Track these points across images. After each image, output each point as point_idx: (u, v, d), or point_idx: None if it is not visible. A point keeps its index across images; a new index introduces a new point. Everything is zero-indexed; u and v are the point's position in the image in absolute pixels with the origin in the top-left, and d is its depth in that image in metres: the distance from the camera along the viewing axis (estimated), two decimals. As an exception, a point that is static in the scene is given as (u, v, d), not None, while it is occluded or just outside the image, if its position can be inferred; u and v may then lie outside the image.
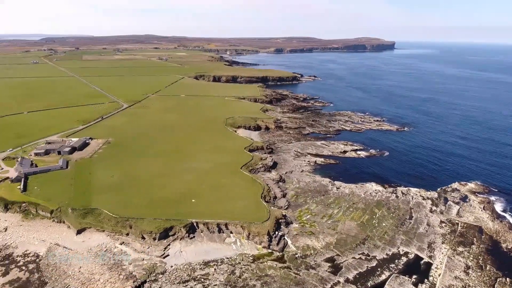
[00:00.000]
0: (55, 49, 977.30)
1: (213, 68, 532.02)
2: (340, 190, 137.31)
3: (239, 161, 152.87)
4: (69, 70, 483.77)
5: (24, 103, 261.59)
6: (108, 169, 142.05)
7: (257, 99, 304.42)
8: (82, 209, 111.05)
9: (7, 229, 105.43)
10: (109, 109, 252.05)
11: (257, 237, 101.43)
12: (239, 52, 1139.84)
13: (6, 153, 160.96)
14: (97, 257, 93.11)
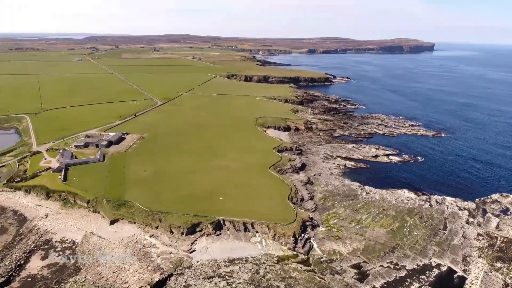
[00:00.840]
0: (97, 47, 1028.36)
1: (245, 67, 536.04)
2: (370, 195, 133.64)
3: (267, 161, 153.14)
4: (109, 67, 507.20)
5: (68, 98, 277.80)
6: (141, 163, 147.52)
7: (288, 100, 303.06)
8: (116, 200, 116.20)
9: (47, 215, 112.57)
10: (144, 105, 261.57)
11: (282, 238, 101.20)
12: (272, 52, 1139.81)
13: (49, 144, 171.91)
14: (128, 247, 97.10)
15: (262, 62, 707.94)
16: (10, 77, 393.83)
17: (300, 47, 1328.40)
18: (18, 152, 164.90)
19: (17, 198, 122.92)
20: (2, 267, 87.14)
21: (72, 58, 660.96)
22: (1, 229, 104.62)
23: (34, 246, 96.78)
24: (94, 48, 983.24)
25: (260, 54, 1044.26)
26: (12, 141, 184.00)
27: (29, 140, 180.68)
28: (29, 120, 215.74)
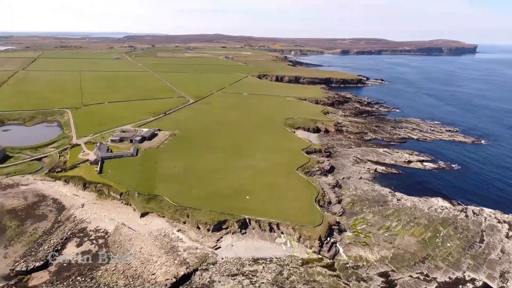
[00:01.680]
0: (134, 46, 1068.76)
1: (276, 68, 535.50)
2: (401, 202, 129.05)
3: (295, 162, 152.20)
4: (145, 65, 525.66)
5: (106, 94, 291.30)
6: (172, 159, 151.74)
7: (319, 101, 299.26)
8: (147, 194, 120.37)
9: (84, 205, 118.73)
10: (176, 103, 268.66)
11: (308, 241, 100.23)
12: (304, 53, 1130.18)
13: (88, 137, 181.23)
14: (156, 240, 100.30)
15: (294, 62, 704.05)
16: (56, 73, 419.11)
17: (333, 47, 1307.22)
18: (60, 144, 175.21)
19: (57, 187, 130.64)
20: (41, 251, 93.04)
21: (111, 56, 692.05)
22: (41, 215, 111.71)
23: (70, 233, 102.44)
24: (132, 47, 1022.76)
25: (292, 54, 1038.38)
26: (55, 133, 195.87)
27: (70, 133, 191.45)
28: (71, 114, 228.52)
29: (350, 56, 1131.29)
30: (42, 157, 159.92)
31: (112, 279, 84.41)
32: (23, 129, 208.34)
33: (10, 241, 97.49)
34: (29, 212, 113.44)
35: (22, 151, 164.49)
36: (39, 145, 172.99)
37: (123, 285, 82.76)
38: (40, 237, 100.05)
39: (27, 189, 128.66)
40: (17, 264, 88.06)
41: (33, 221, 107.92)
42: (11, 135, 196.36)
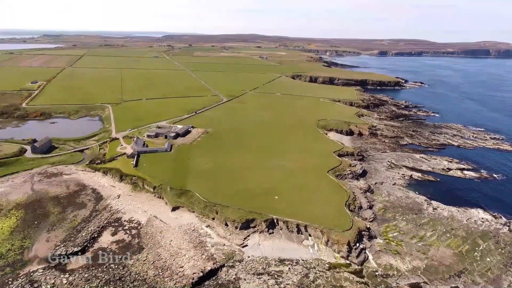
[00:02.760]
0: (172, 45, 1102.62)
1: (310, 68, 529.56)
2: (437, 211, 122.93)
3: (326, 165, 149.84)
4: (182, 64, 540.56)
5: (144, 91, 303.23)
6: (204, 156, 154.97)
7: (353, 103, 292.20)
8: (178, 189, 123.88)
9: (119, 196, 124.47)
10: (210, 101, 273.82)
11: (336, 245, 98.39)
12: (339, 54, 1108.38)
13: (126, 132, 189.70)
14: (185, 234, 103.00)
15: (329, 63, 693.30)
16: (99, 70, 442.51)
17: (370, 48, 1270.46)
18: (100, 137, 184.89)
19: (96, 178, 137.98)
20: (79, 238, 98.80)
21: (151, 54, 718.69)
22: (81, 204, 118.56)
23: (106, 222, 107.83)
24: (170, 46, 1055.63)
25: (327, 55, 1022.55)
26: (96, 127, 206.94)
27: (110, 127, 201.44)
28: (111, 109, 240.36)
29: (388, 57, 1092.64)
30: (84, 149, 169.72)
31: (143, 269, 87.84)
32: (68, 122, 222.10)
33: (52, 226, 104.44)
34: (70, 200, 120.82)
35: (66, 143, 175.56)
36: (82, 138, 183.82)
37: (152, 275, 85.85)
38: (79, 224, 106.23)
39: (69, 178, 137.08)
40: (57, 248, 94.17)
41: (74, 209, 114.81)
42: (57, 127, 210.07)
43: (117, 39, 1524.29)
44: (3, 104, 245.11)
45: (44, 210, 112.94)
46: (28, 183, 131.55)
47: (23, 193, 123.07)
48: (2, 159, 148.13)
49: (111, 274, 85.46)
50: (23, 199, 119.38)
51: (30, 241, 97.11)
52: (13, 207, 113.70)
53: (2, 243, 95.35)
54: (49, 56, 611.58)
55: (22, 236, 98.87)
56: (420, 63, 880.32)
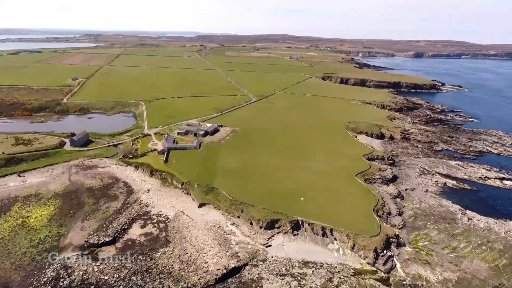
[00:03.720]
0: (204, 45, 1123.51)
1: (341, 69, 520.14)
2: (473, 222, 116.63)
3: (355, 168, 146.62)
4: (213, 64, 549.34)
5: (176, 90, 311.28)
6: (231, 155, 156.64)
7: (385, 106, 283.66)
8: (206, 186, 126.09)
9: (149, 190, 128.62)
10: (239, 101, 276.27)
11: (362, 251, 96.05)
12: (372, 55, 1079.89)
13: (157, 129, 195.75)
14: (211, 231, 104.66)
15: (361, 64, 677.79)
16: (135, 68, 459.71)
17: (405, 50, 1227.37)
18: (133, 133, 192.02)
19: (128, 172, 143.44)
20: (111, 228, 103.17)
21: (183, 54, 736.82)
22: (113, 196, 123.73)
23: (136, 215, 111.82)
24: (202, 46, 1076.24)
25: (359, 56, 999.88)
26: (130, 123, 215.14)
27: (142, 123, 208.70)
28: (144, 106, 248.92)
29: (425, 59, 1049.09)
30: (118, 143, 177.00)
31: (169, 262, 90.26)
32: (104, 118, 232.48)
33: (86, 216, 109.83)
34: (103, 192, 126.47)
35: (102, 137, 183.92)
36: (116, 133, 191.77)
37: (178, 269, 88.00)
38: (111, 215, 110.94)
39: (104, 171, 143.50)
40: (90, 237, 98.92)
41: (106, 200, 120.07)
42: (94, 122, 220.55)
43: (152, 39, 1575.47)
44: (46, 99, 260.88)
45: (79, 200, 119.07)
46: (66, 174, 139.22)
47: (61, 183, 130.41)
48: (44, 150, 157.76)
49: (138, 265, 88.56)
50: (61, 189, 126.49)
51: (66, 229, 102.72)
52: (52, 196, 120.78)
53: (41, 229, 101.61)
54: (89, 54, 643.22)
55: (59, 224, 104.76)
56: (459, 65, 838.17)
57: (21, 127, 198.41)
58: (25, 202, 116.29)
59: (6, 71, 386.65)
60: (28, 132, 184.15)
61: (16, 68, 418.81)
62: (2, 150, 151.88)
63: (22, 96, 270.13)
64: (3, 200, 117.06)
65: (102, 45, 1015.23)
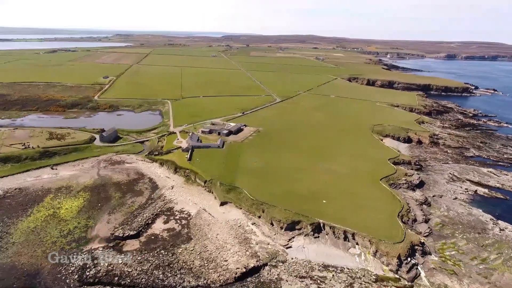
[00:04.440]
0: (230, 45, 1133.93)
1: (368, 71, 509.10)
2: (505, 233, 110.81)
3: (379, 172, 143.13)
4: (238, 64, 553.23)
5: (202, 89, 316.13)
6: (254, 155, 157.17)
7: (413, 109, 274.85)
8: (228, 185, 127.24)
9: (173, 187, 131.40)
10: (263, 101, 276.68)
11: (384, 257, 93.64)
12: (401, 56, 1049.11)
13: (182, 127, 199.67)
14: (231, 229, 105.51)
15: (389, 66, 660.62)
16: (162, 67, 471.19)
17: (436, 51, 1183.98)
18: (159, 131, 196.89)
19: (153, 169, 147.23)
20: (135, 222, 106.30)
21: (209, 54, 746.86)
22: (139, 191, 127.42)
23: (159, 211, 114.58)
24: (228, 46, 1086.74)
25: (387, 57, 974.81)
26: (156, 121, 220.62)
27: (168, 121, 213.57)
28: (170, 105, 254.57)
29: (457, 61, 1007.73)
30: (144, 140, 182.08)
31: (190, 258, 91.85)
32: (132, 115, 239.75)
33: (113, 209, 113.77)
34: (129, 187, 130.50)
35: (130, 134, 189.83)
36: (143, 130, 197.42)
37: (198, 265, 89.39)
38: (136, 210, 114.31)
39: (130, 166, 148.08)
40: (116, 230, 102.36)
41: (132, 195, 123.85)
42: (123, 119, 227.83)
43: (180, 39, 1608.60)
44: (79, 96, 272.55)
45: (107, 194, 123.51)
46: (95, 168, 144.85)
47: (90, 177, 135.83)
48: (75, 145, 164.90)
49: (161, 260, 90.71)
50: (90, 182, 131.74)
51: (94, 221, 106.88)
52: (81, 189, 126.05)
53: (70, 220, 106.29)
54: (120, 53, 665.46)
55: (87, 216, 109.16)
56: (494, 68, 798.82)
57: (55, 122, 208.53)
58: (57, 193, 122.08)
59: (43, 69, 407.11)
60: (62, 127, 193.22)
61: (52, 66, 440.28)
62: (37, 143, 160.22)
63: (57, 92, 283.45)
64: (37, 191, 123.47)
65: (132, 45, 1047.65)
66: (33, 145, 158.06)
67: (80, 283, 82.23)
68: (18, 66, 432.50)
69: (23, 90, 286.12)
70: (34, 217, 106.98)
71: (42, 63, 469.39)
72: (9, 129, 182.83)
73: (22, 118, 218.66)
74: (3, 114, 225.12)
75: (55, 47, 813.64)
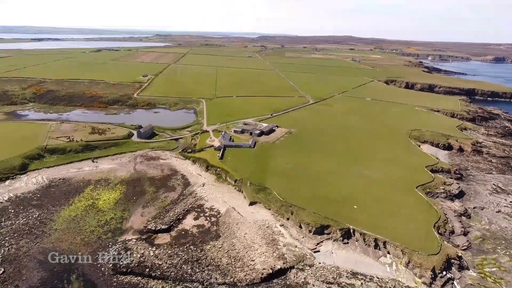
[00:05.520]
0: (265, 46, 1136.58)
1: (408, 73, 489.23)
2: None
3: (415, 179, 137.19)
4: (273, 64, 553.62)
5: (235, 89, 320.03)
6: (285, 156, 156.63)
7: (455, 114, 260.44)
8: (257, 185, 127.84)
9: (204, 185, 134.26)
10: (297, 102, 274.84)
11: (417, 269, 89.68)
12: (444, 59, 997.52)
13: (215, 126, 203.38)
14: (260, 229, 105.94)
15: (430, 68, 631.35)
16: (198, 67, 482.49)
17: (483, 54, 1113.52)
18: (193, 129, 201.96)
19: (186, 166, 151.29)
20: (167, 217, 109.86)
21: (245, 54, 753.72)
22: (171, 187, 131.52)
23: (190, 207, 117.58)
24: (263, 47, 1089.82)
25: (429, 59, 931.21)
26: (191, 119, 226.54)
27: (202, 120, 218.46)
28: (205, 104, 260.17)
29: (507, 64, 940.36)
30: (178, 138, 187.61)
31: (218, 255, 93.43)
32: (168, 113, 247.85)
33: (147, 203, 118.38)
34: (163, 182, 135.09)
35: (165, 131, 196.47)
36: (178, 128, 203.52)
37: (225, 263, 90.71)
38: (168, 205, 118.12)
39: (164, 163, 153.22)
40: (149, 223, 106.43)
41: (165, 191, 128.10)
42: (159, 116, 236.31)
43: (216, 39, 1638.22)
44: (119, 93, 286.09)
45: (142, 188, 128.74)
46: (132, 163, 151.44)
47: (127, 171, 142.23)
48: (115, 140, 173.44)
49: (189, 255, 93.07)
50: (126, 176, 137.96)
51: (128, 213, 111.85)
52: (119, 182, 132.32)
53: (107, 211, 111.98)
54: (159, 53, 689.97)
55: (123, 208, 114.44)
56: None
57: (97, 118, 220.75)
58: (96, 185, 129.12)
59: (88, 67, 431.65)
60: (103, 122, 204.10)
61: (96, 64, 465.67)
62: (80, 137, 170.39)
63: (100, 90, 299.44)
64: (79, 182, 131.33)
65: (171, 45, 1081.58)
66: (76, 139, 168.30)
67: (114, 272, 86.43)
68: (67, 64, 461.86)
69: (70, 86, 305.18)
70: (75, 206, 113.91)
71: (88, 61, 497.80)
72: (56, 123, 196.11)
73: (68, 113, 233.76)
74: (52, 108, 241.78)
75: (100, 46, 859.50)
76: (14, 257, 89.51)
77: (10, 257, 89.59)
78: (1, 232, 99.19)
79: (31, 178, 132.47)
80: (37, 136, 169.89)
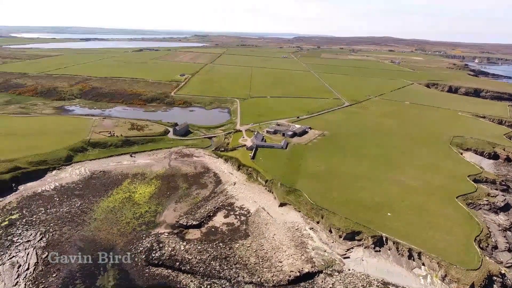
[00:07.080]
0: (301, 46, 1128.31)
1: (451, 77, 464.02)
2: None
3: (455, 189, 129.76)
4: (308, 65, 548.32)
5: (270, 89, 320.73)
6: (317, 158, 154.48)
7: (503, 121, 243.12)
8: (288, 186, 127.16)
9: (235, 183, 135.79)
10: (331, 104, 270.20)
11: (455, 284, 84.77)
12: (492, 61, 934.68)
13: (248, 126, 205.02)
14: (289, 231, 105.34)
15: (476, 72, 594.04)
16: (234, 67, 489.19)
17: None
18: (226, 128, 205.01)
19: (218, 164, 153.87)
20: (198, 213, 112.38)
21: (280, 55, 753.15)
22: (203, 184, 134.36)
23: (221, 205, 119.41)
24: (299, 47, 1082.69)
25: (475, 62, 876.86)
26: (224, 118, 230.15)
27: (235, 119, 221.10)
28: (239, 103, 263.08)
29: None
30: (212, 136, 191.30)
31: (246, 254, 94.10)
32: (203, 111, 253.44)
33: (179, 199, 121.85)
34: (195, 179, 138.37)
35: (199, 129, 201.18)
36: (211, 126, 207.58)
37: (253, 262, 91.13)
38: (199, 201, 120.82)
39: (198, 160, 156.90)
40: (181, 218, 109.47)
41: (197, 187, 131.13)
42: (194, 115, 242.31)
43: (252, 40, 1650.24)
44: (158, 91, 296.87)
45: (175, 184, 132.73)
46: (167, 159, 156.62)
47: (162, 167, 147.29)
48: (152, 136, 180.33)
49: (218, 252, 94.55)
50: (161, 171, 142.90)
51: (162, 207, 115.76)
52: (154, 177, 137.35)
53: (143, 204, 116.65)
54: (196, 53, 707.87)
55: (157, 202, 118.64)
56: None
57: (136, 114, 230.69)
58: (133, 179, 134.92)
59: (130, 66, 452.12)
60: (141, 119, 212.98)
61: (137, 63, 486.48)
62: (120, 132, 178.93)
63: (140, 88, 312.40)
64: (117, 175, 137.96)
65: (208, 45, 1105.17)
66: (117, 134, 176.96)
67: (146, 263, 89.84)
68: (110, 62, 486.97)
69: (112, 84, 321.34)
70: (113, 198, 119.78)
71: (130, 60, 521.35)
72: (99, 118, 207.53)
73: (110, 109, 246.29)
74: (95, 105, 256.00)
75: (142, 46, 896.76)
76: (57, 242, 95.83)
77: (54, 242, 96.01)
78: (47, 218, 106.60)
79: (75, 170, 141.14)
80: (81, 130, 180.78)
